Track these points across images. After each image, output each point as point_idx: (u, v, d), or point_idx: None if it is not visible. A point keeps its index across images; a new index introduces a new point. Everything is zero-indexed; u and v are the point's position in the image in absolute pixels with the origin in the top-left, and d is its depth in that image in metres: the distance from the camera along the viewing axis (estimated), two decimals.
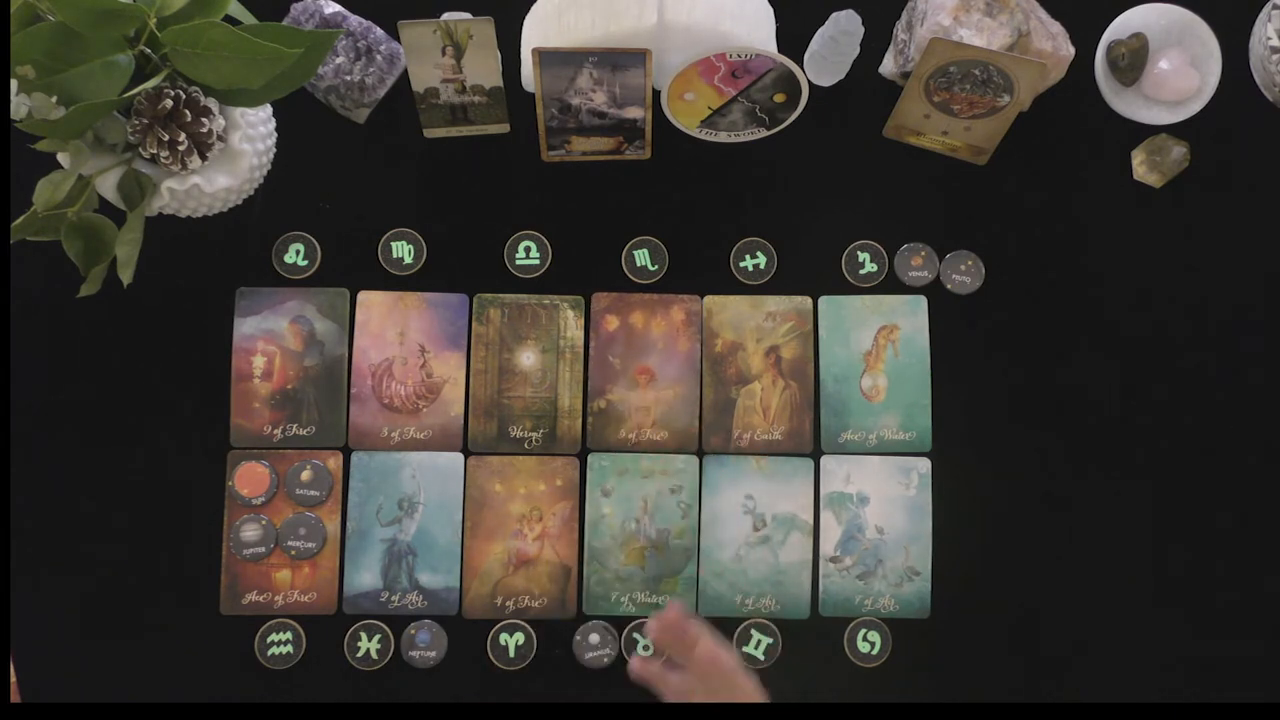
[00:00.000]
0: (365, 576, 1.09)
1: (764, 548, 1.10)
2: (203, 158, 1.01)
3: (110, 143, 1.01)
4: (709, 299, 1.14)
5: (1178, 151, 1.14)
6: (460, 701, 1.08)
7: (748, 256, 1.14)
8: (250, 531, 1.09)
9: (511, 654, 1.09)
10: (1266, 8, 1.15)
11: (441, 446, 1.11)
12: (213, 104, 1.00)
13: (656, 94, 1.12)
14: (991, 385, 1.13)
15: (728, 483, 1.11)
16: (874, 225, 1.15)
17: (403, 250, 1.13)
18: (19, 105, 0.93)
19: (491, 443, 1.12)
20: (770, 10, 1.11)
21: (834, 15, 1.09)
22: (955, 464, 1.12)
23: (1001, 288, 1.14)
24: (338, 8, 1.13)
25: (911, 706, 1.08)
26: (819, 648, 1.10)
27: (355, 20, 1.13)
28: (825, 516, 1.11)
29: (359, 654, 1.08)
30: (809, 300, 1.14)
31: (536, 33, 1.09)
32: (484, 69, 1.07)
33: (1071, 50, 1.12)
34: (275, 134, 1.08)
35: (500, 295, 1.13)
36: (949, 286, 1.14)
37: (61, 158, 0.99)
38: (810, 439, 1.12)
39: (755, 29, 1.08)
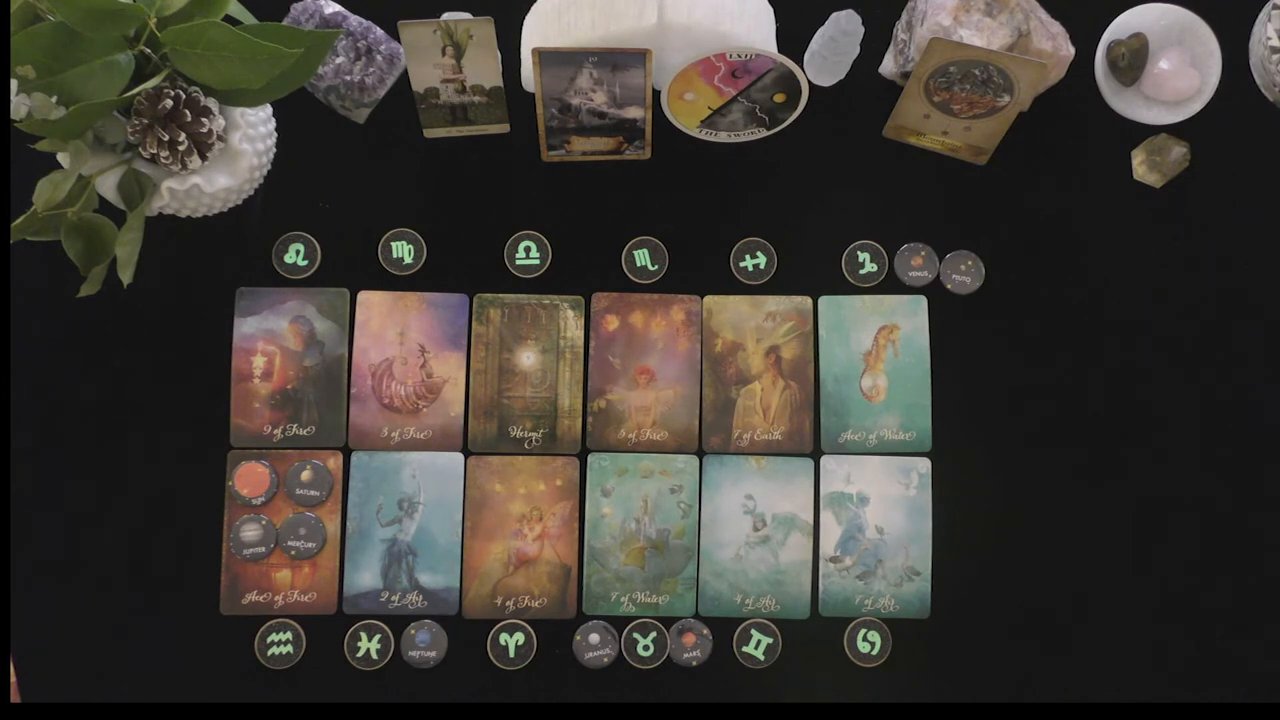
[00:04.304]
0: (365, 576, 1.09)
1: (764, 548, 1.10)
2: (203, 158, 1.01)
3: (110, 143, 1.01)
4: (709, 299, 1.14)
5: (1178, 151, 1.14)
6: (460, 701, 1.08)
7: (748, 256, 1.14)
8: (250, 531, 1.09)
9: (511, 654, 1.09)
10: (1266, 8, 1.15)
11: (441, 446, 1.11)
12: (213, 104, 1.00)
13: (656, 94, 1.12)
14: (991, 385, 1.13)
15: (728, 483, 1.11)
16: (874, 225, 1.15)
17: (403, 250, 1.13)
18: (19, 105, 0.93)
19: (491, 443, 1.12)
20: (770, 10, 1.11)
21: (834, 15, 1.09)
22: (955, 464, 1.12)
23: (1001, 288, 1.14)
24: (338, 8, 1.14)
25: (911, 706, 1.08)
26: (819, 648, 1.10)
27: (355, 20, 1.13)
28: (825, 516, 1.11)
29: (359, 654, 1.08)
30: (809, 300, 1.14)
31: (536, 33, 1.09)
32: (484, 69, 1.07)
33: (1071, 50, 1.12)
34: (275, 134, 1.08)
35: (500, 295, 1.13)
36: (949, 286, 1.14)
37: (61, 158, 0.99)
38: (810, 439, 1.12)
39: (755, 29, 1.08)
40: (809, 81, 1.09)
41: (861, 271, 1.14)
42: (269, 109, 1.07)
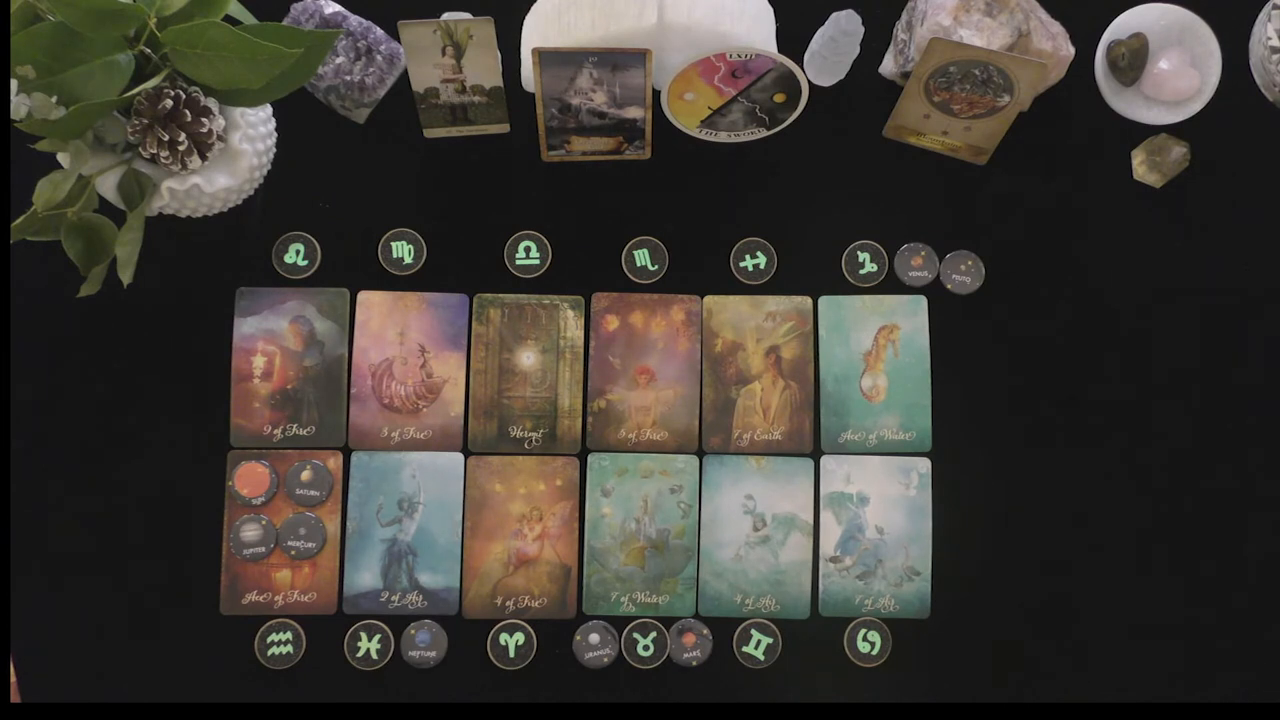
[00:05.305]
0: (365, 576, 1.09)
1: (764, 548, 1.10)
2: (203, 158, 1.01)
3: (110, 143, 1.01)
4: (709, 299, 1.14)
5: (1178, 151, 1.14)
6: (460, 701, 1.08)
7: (748, 256, 1.14)
8: (250, 531, 1.09)
9: (511, 654, 1.09)
10: (1266, 8, 1.15)
11: (441, 446, 1.11)
12: (213, 104, 1.00)
13: (656, 94, 1.12)
14: (991, 385, 1.13)
15: (728, 483, 1.11)
16: (874, 225, 1.15)
17: (403, 250, 1.13)
18: (19, 105, 0.93)
19: (491, 443, 1.12)
20: (770, 10, 1.11)
21: (834, 15, 1.09)
22: (955, 464, 1.12)
23: (1001, 288, 1.14)
24: (338, 8, 1.14)
25: (911, 706, 1.08)
26: (819, 648, 1.10)
27: (355, 20, 1.13)
28: (825, 516, 1.11)
29: (359, 654, 1.08)
30: (809, 300, 1.14)
31: (536, 33, 1.09)
32: (484, 69, 1.07)
33: (1071, 50, 1.12)
34: (275, 134, 1.08)
35: (500, 295, 1.13)
36: (949, 286, 1.14)
37: (61, 158, 0.99)
38: (810, 439, 1.12)
39: (755, 29, 1.08)
40: (809, 81, 1.09)
41: (861, 271, 1.14)
42: (269, 109, 1.07)
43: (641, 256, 1.14)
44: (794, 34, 1.13)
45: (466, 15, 1.06)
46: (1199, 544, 1.11)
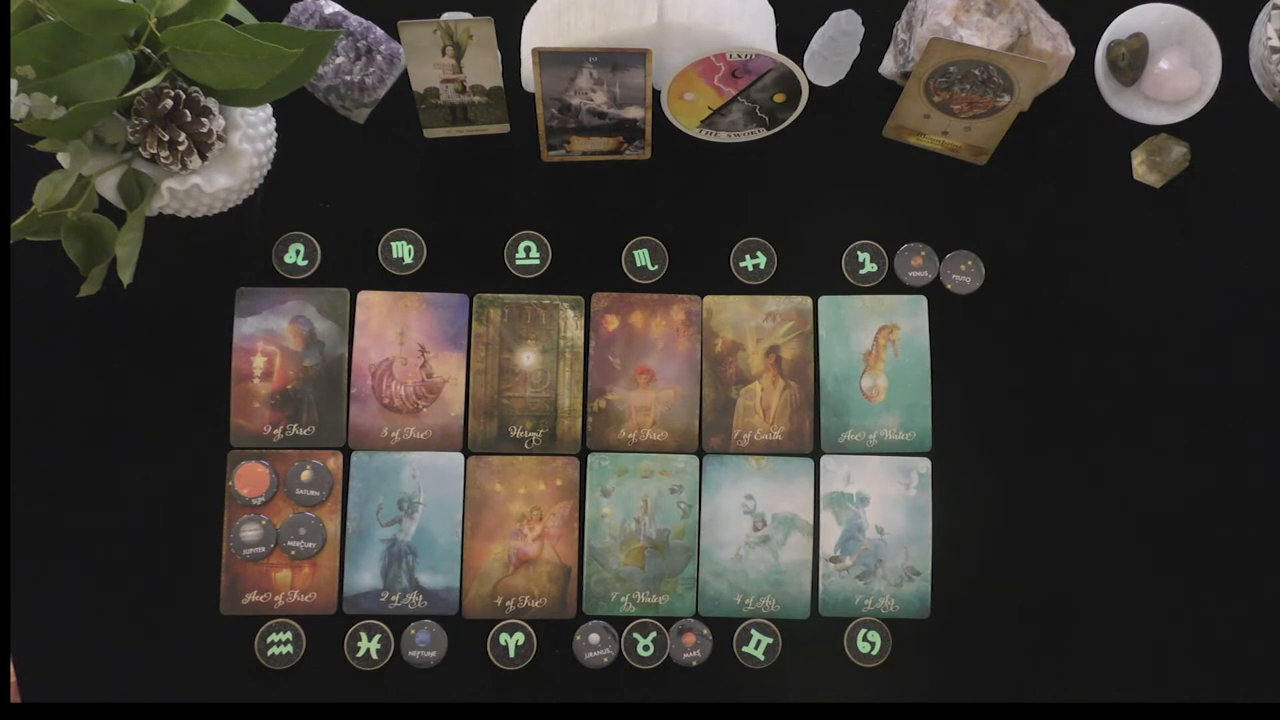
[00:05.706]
0: (365, 576, 1.09)
1: (764, 548, 1.10)
2: (203, 158, 1.01)
3: (110, 143, 1.01)
4: (709, 299, 1.14)
5: (1178, 151, 1.14)
6: (460, 701, 1.08)
7: (748, 256, 1.14)
8: (250, 531, 1.09)
9: (511, 654, 1.09)
10: (1266, 8, 1.15)
11: (441, 446, 1.11)
12: (213, 104, 1.00)
13: (656, 94, 1.12)
14: (991, 385, 1.13)
15: (728, 483, 1.11)
16: (874, 225, 1.15)
17: (403, 250, 1.13)
18: (19, 105, 0.93)
19: (491, 443, 1.12)
20: (770, 10, 1.11)
21: (834, 15, 1.09)
22: (955, 464, 1.12)
23: (1001, 288, 1.14)
24: (338, 8, 1.14)
25: (911, 706, 1.08)
26: (819, 648, 1.10)
27: (355, 20, 1.13)
28: (825, 516, 1.11)
29: (359, 654, 1.08)
30: (809, 300, 1.14)
31: (536, 33, 1.09)
32: (484, 69, 1.08)
33: (1071, 50, 1.12)
34: (275, 134, 1.08)
35: (500, 295, 1.13)
36: (949, 286, 1.14)
37: (61, 158, 0.99)
38: (810, 439, 1.12)
39: (755, 29, 1.08)
40: (809, 81, 1.09)
41: (861, 271, 1.14)
42: (269, 109, 1.07)
43: (641, 256, 1.14)
44: (794, 34, 1.13)
45: (466, 15, 1.06)
46: (1199, 544, 1.11)
